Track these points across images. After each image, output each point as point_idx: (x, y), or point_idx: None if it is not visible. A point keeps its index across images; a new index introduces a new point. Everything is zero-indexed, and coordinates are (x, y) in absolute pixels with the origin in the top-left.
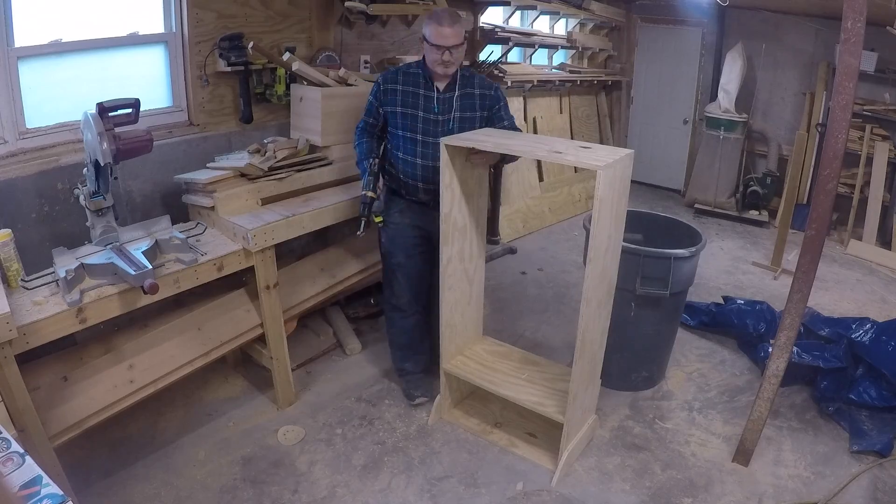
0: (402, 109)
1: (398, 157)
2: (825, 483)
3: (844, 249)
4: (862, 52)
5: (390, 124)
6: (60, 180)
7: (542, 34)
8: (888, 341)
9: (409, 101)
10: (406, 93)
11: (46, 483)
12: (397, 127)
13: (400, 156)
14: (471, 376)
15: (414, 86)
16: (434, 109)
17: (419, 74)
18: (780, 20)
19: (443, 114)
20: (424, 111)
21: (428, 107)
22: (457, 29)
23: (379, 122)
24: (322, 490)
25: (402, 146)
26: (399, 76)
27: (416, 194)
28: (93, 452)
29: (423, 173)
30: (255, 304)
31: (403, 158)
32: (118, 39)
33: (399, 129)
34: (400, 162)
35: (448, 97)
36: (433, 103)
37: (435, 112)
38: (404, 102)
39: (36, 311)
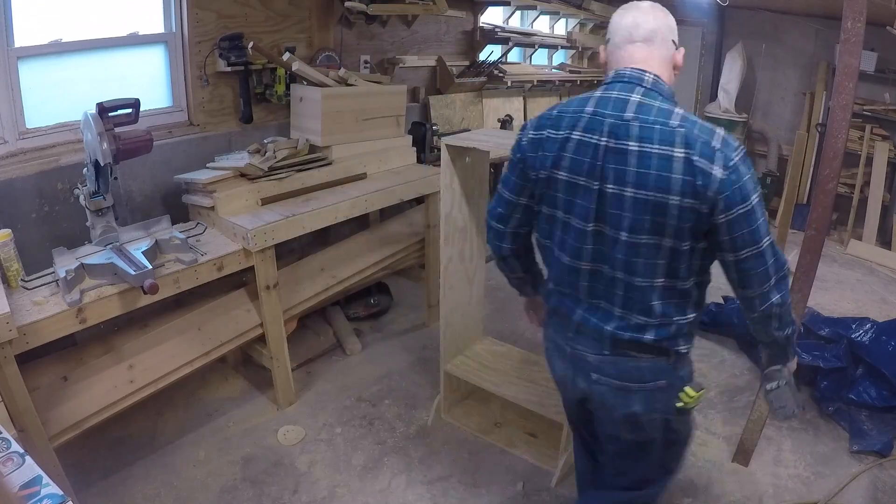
0: None
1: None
2: (825, 483)
3: (844, 249)
4: (862, 52)
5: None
6: (60, 180)
7: (542, 34)
8: (888, 341)
9: None
10: None
11: (46, 483)
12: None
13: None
14: (471, 376)
15: None
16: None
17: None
18: (780, 20)
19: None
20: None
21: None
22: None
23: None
24: (322, 490)
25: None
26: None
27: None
28: (93, 452)
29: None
30: (255, 304)
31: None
32: (118, 39)
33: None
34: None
35: None
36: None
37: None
38: None
39: (36, 311)
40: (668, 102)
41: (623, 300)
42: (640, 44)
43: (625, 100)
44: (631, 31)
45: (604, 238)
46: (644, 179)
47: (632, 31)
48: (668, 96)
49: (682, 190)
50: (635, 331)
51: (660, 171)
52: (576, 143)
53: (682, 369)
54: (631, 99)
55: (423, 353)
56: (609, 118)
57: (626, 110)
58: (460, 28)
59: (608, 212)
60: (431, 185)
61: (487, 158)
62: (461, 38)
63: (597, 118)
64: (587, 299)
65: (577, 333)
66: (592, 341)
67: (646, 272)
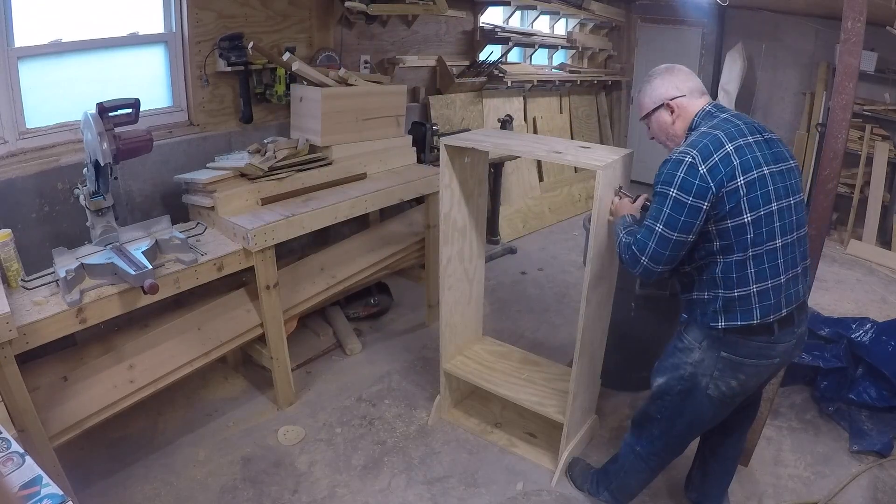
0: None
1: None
2: (825, 483)
3: (844, 249)
4: (862, 52)
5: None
6: (60, 180)
7: (542, 34)
8: (888, 341)
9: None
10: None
11: (46, 483)
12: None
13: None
14: (471, 376)
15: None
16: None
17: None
18: (780, 20)
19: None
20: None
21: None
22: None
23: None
24: (322, 490)
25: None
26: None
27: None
28: (93, 452)
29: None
30: (255, 304)
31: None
32: (118, 39)
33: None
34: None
35: None
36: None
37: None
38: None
39: (36, 311)
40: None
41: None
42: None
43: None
44: (700, 88)
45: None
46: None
47: (701, 89)
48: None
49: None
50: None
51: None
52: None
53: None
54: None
55: (423, 353)
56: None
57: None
58: (460, 28)
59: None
60: (431, 185)
61: (487, 158)
62: (461, 38)
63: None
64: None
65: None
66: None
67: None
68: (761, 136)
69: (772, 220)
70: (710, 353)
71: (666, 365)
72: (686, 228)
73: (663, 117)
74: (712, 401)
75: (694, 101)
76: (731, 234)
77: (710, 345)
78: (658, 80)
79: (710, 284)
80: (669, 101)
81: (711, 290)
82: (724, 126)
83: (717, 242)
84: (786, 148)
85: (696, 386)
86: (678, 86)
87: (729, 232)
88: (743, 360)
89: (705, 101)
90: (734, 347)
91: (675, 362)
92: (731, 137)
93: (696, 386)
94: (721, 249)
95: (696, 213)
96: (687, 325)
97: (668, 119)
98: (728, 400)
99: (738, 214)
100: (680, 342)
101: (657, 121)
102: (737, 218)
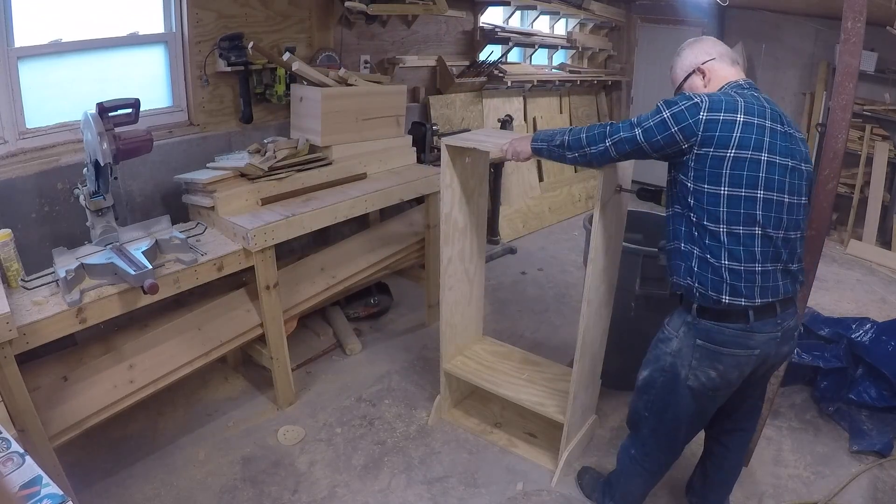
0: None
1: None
2: (825, 483)
3: (844, 249)
4: (862, 52)
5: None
6: (60, 180)
7: (542, 34)
8: (888, 341)
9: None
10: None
11: (46, 483)
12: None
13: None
14: (471, 376)
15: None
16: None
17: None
18: (780, 20)
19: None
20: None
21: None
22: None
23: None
24: (322, 490)
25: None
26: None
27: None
28: (93, 452)
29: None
30: (255, 304)
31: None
32: (118, 39)
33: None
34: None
35: None
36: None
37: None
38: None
39: (36, 311)
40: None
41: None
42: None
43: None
44: (731, 55)
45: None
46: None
47: (732, 56)
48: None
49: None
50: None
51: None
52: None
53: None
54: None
55: (423, 353)
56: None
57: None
58: (460, 28)
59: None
60: (431, 185)
61: (487, 158)
62: (461, 38)
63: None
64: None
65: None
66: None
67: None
68: (782, 126)
69: (754, 205)
70: (686, 342)
71: (649, 358)
72: (655, 146)
73: (696, 83)
74: (693, 392)
75: (725, 66)
76: (704, 198)
77: (686, 332)
78: (687, 51)
79: (688, 238)
80: (700, 65)
81: (688, 243)
82: (750, 100)
83: (693, 203)
84: (805, 149)
85: (676, 377)
86: (707, 50)
87: (703, 196)
88: (719, 349)
89: (736, 73)
90: (709, 334)
91: (657, 354)
92: (749, 112)
93: (677, 377)
94: (696, 208)
95: (669, 141)
96: (670, 316)
97: (700, 84)
98: (710, 393)
99: (716, 185)
100: (661, 333)
101: (690, 88)
102: (714, 186)
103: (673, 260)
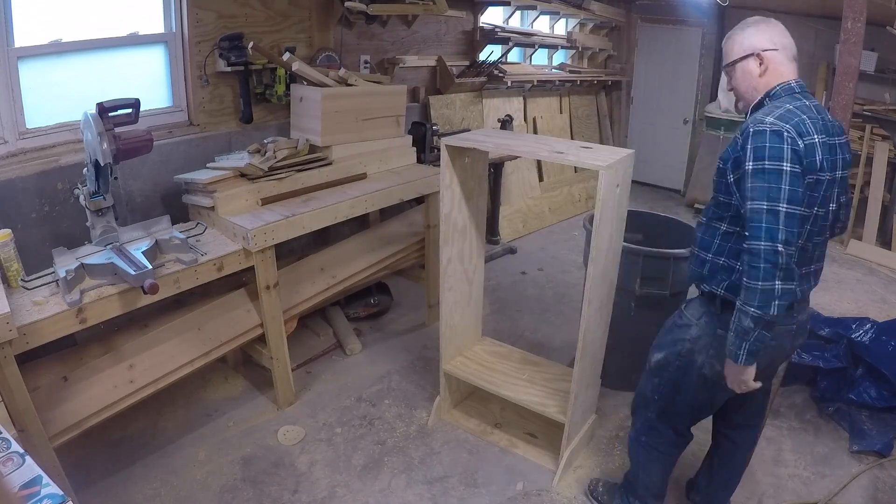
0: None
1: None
2: (825, 483)
3: (844, 249)
4: (862, 52)
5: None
6: (60, 180)
7: (542, 34)
8: (888, 341)
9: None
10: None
11: (46, 483)
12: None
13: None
14: (471, 377)
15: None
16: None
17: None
18: (780, 20)
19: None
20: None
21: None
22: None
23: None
24: (322, 490)
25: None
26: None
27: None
28: (93, 452)
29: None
30: (255, 304)
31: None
32: (118, 39)
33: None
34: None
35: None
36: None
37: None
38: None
39: (36, 311)
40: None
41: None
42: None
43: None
44: (793, 49)
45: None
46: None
47: (793, 50)
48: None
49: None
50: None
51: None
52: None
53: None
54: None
55: (423, 353)
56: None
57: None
58: (460, 28)
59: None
60: (431, 185)
61: (487, 158)
62: (461, 38)
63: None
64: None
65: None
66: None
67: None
68: (836, 139)
69: (810, 222)
70: (707, 330)
71: (665, 341)
72: (808, 202)
73: (750, 66)
74: (706, 381)
75: (784, 63)
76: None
77: (707, 322)
78: (752, 29)
79: (733, 254)
80: (761, 51)
81: (732, 258)
82: (808, 113)
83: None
84: (848, 154)
85: (692, 363)
86: (773, 39)
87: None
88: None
89: (793, 70)
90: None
91: (674, 338)
92: (818, 131)
93: (692, 364)
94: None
95: (803, 182)
96: (688, 303)
97: (755, 70)
98: (724, 382)
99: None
100: (679, 318)
101: (743, 69)
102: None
103: (704, 269)
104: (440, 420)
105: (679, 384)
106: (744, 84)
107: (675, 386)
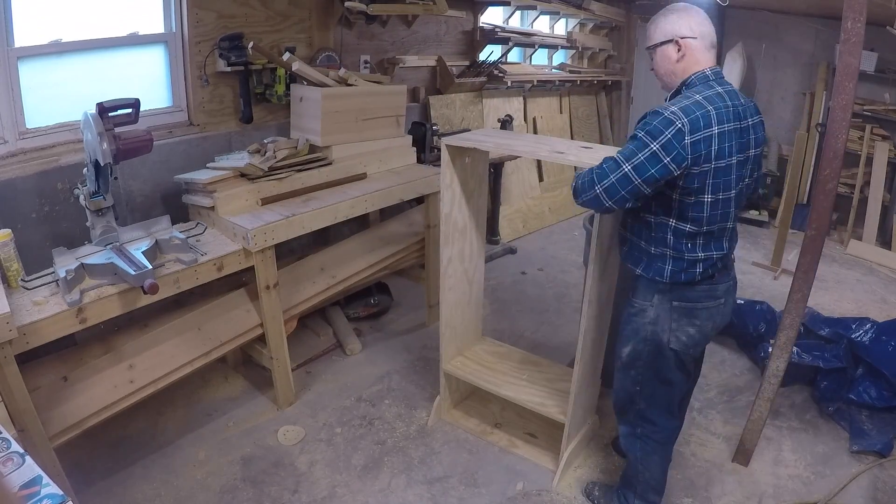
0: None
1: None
2: (825, 483)
3: (844, 249)
4: (862, 52)
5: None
6: (60, 180)
7: (542, 34)
8: (888, 341)
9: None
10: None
11: (46, 483)
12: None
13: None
14: (471, 377)
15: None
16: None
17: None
18: (780, 20)
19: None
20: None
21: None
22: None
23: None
24: (322, 490)
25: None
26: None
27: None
28: (93, 452)
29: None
30: (255, 304)
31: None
32: (118, 39)
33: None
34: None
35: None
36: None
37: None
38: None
39: (36, 311)
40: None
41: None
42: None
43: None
44: (712, 37)
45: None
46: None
47: (712, 38)
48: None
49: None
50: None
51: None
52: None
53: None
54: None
55: (423, 353)
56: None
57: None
58: (460, 28)
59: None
60: (431, 185)
61: (487, 158)
62: (461, 38)
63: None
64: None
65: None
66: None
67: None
68: (740, 123)
69: (728, 204)
70: (662, 307)
71: (626, 333)
72: (650, 181)
73: (669, 52)
74: (677, 354)
75: (702, 50)
76: (689, 209)
77: (660, 299)
78: (674, 16)
79: (661, 242)
80: (679, 38)
81: (660, 246)
82: (717, 103)
83: (674, 212)
84: (761, 133)
85: (659, 343)
86: (692, 27)
87: (688, 207)
88: (694, 305)
89: (710, 58)
90: (682, 293)
91: (634, 327)
92: (720, 120)
93: (660, 343)
94: (678, 216)
95: (665, 173)
96: (634, 290)
97: (673, 56)
98: (690, 350)
99: (701, 194)
100: (632, 307)
101: (662, 54)
102: (699, 196)
103: (634, 253)
104: (440, 420)
105: (656, 367)
106: (662, 68)
107: (653, 370)
